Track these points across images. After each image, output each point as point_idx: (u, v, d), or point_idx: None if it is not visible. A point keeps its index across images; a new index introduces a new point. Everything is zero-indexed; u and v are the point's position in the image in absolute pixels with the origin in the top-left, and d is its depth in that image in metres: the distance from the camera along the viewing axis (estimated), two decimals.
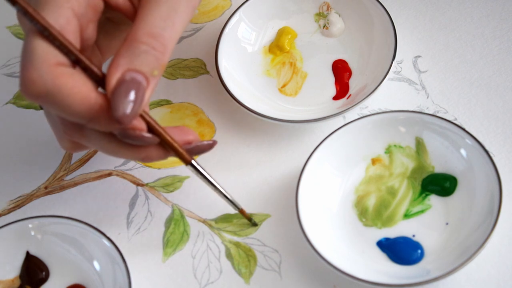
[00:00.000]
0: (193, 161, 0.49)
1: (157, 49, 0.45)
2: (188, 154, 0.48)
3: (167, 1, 0.46)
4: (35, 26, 0.43)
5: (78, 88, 0.43)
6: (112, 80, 0.44)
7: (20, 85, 0.44)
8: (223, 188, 0.51)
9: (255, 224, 0.54)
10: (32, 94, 0.43)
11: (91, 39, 0.48)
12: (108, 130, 0.45)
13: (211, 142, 0.49)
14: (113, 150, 0.47)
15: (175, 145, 0.47)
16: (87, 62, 0.45)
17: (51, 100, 0.43)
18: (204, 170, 0.50)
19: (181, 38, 0.66)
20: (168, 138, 0.47)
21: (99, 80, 0.45)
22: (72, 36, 0.45)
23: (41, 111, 0.64)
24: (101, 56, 0.52)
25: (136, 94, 0.44)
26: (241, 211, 0.53)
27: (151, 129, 0.46)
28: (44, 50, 0.43)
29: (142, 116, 0.46)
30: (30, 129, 0.63)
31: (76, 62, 0.45)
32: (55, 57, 0.43)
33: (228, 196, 0.52)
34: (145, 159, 0.48)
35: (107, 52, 0.53)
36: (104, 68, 0.46)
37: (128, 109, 0.43)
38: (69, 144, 0.50)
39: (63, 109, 0.44)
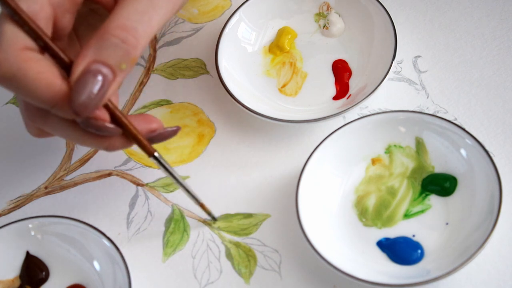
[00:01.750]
0: (155, 153, 0.48)
1: (128, 43, 0.44)
2: (152, 142, 0.48)
3: None
4: (5, 10, 0.43)
5: (44, 74, 0.43)
6: (77, 69, 0.44)
7: None
8: (184, 182, 0.51)
9: (214, 219, 0.55)
10: None
11: (66, 29, 0.47)
12: (71, 117, 0.45)
13: (175, 128, 0.49)
14: (76, 138, 0.47)
15: (139, 136, 0.47)
16: (55, 48, 0.45)
17: (15, 83, 0.43)
18: (167, 163, 0.49)
19: (181, 38, 0.66)
20: (132, 129, 0.47)
21: (67, 68, 0.45)
22: (43, 23, 0.45)
23: None
24: (80, 48, 0.52)
25: (100, 86, 0.43)
26: (201, 205, 0.53)
27: (115, 119, 0.46)
28: (12, 34, 0.43)
29: (107, 106, 0.46)
30: None
31: (45, 48, 0.45)
32: (23, 41, 0.43)
33: (190, 190, 0.52)
34: (109, 148, 0.47)
35: None
36: None
37: (88, 100, 0.43)
38: (35, 130, 0.50)
39: (26, 93, 0.44)
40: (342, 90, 0.59)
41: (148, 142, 0.48)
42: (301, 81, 0.61)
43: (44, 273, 0.54)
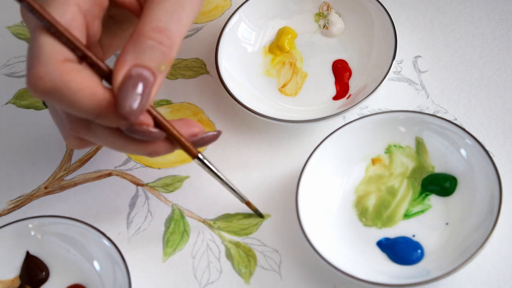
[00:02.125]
0: (199, 155, 0.49)
1: (164, 44, 0.45)
2: (194, 146, 0.48)
3: None
4: (42, 22, 0.43)
5: (86, 84, 0.43)
6: (119, 76, 0.44)
7: (27, 82, 0.43)
8: (229, 181, 0.51)
9: (261, 216, 0.55)
10: (39, 91, 0.43)
11: (96, 36, 0.47)
12: (115, 125, 0.45)
13: (215, 133, 0.49)
14: (120, 146, 0.47)
15: (182, 139, 0.47)
16: (93, 57, 0.45)
17: (59, 96, 0.43)
18: (211, 164, 0.50)
19: None
20: (175, 132, 0.47)
21: (106, 76, 0.45)
22: (78, 32, 0.45)
23: (41, 111, 0.64)
24: (103, 55, 0.52)
25: (143, 89, 0.43)
26: (247, 203, 0.53)
27: (157, 123, 0.46)
28: (51, 47, 0.43)
29: (148, 111, 0.46)
30: (30, 129, 0.63)
31: (82, 58, 0.45)
32: (62, 54, 0.43)
33: (235, 189, 0.52)
34: (152, 154, 0.47)
35: (108, 50, 0.52)
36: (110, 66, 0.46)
37: (134, 105, 0.43)
38: (76, 141, 0.49)
39: (70, 105, 0.44)
40: (342, 90, 0.59)
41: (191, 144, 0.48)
42: (301, 81, 0.61)
43: (44, 273, 0.54)
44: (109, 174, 0.59)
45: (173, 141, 0.47)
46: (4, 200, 0.59)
